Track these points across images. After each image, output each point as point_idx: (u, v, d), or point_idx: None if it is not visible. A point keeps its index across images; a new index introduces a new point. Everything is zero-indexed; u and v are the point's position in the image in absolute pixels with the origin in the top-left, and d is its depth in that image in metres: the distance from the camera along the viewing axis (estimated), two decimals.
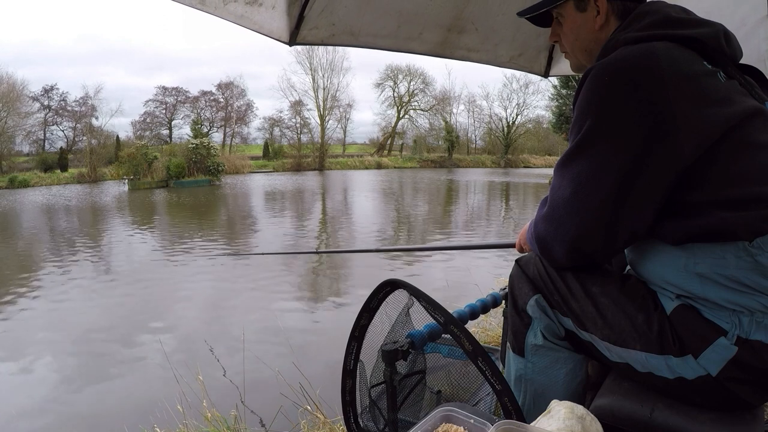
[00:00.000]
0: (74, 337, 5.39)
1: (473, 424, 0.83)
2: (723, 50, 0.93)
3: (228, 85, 44.59)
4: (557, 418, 0.81)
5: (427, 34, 2.14)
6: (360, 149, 50.27)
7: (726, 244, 0.84)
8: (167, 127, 42.88)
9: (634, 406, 0.94)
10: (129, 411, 3.65)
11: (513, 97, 54.63)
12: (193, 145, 30.06)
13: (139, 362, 4.67)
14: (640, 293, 0.96)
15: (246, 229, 13.13)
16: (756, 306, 0.84)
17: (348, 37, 2.00)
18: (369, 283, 1.74)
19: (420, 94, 48.47)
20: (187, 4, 1.42)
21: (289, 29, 1.85)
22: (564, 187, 0.94)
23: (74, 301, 6.67)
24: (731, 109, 0.85)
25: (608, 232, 0.91)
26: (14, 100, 33.74)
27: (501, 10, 2.14)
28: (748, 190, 0.84)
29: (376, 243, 10.70)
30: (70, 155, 35.54)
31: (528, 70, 2.53)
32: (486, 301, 1.65)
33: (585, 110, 0.90)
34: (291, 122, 45.06)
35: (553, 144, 47.16)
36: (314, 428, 2.51)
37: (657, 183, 0.86)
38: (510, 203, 18.94)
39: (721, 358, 0.85)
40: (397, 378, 1.15)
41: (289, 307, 6.24)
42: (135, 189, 25.90)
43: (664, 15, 0.95)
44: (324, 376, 3.02)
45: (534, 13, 1.10)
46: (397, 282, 1.20)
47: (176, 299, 6.70)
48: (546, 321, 1.06)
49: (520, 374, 1.10)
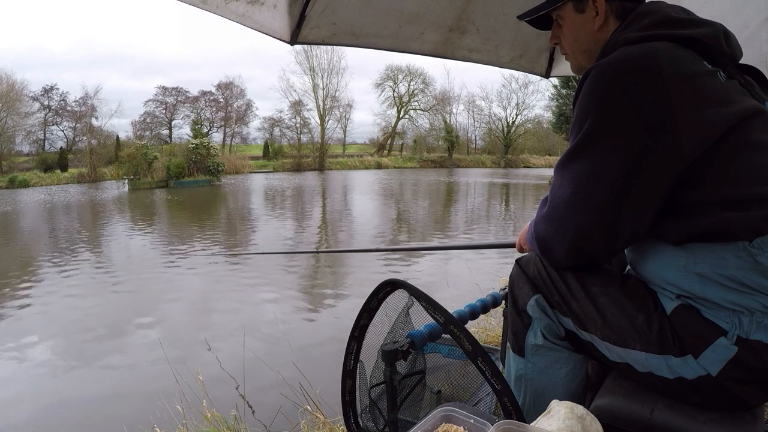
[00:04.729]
0: (74, 338, 5.39)
1: (473, 424, 0.83)
2: (723, 50, 0.93)
3: (228, 85, 44.68)
4: (557, 418, 0.81)
5: (428, 35, 2.14)
6: (360, 149, 50.26)
7: (726, 244, 0.84)
8: (167, 127, 42.93)
9: (634, 406, 0.94)
10: (129, 411, 3.66)
11: (512, 97, 54.66)
12: (193, 145, 30.07)
13: (139, 362, 4.67)
14: (640, 293, 0.96)
15: (246, 228, 13.12)
16: (756, 306, 0.84)
17: (349, 36, 2.00)
18: (368, 283, 1.74)
19: (420, 94, 48.52)
20: (189, 3, 1.42)
21: (290, 28, 1.86)
22: (564, 187, 0.94)
23: (72, 299, 6.66)
24: (731, 108, 0.85)
25: (608, 232, 0.91)
26: (14, 100, 33.74)
27: (502, 11, 2.14)
28: (748, 190, 0.84)
29: (375, 243, 10.70)
30: (70, 155, 35.55)
31: (529, 70, 2.53)
32: (486, 301, 1.65)
33: (585, 110, 0.91)
34: (291, 122, 45.14)
35: (553, 144, 47.12)
36: (314, 428, 2.51)
37: (657, 183, 0.86)
38: (510, 205, 18.91)
39: (721, 358, 0.85)
40: (397, 378, 1.15)
41: (288, 306, 6.23)
42: (135, 189, 25.91)
43: (664, 15, 0.95)
44: (324, 376, 3.01)
45: (533, 16, 1.10)
46: (396, 282, 1.20)
47: (176, 299, 6.70)
48: (546, 321, 1.06)
49: (520, 374, 1.10)
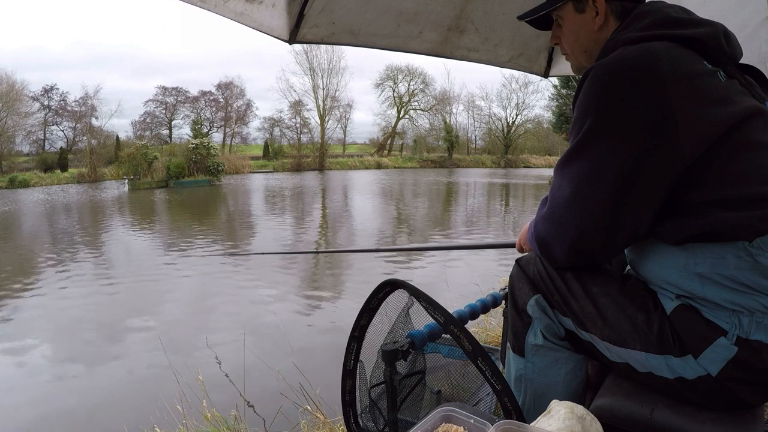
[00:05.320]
0: (73, 338, 5.39)
1: (473, 424, 0.83)
2: (723, 50, 0.93)
3: (227, 85, 44.70)
4: (557, 418, 0.81)
5: (427, 34, 2.14)
6: (360, 149, 50.29)
7: (726, 244, 0.84)
8: (167, 127, 42.98)
9: (634, 406, 0.94)
10: (129, 411, 3.65)
11: (512, 97, 54.69)
12: (193, 145, 30.10)
13: (139, 362, 4.67)
14: (640, 293, 0.96)
15: (246, 229, 13.12)
16: (756, 306, 0.84)
17: (348, 36, 2.00)
18: (368, 284, 1.73)
19: (420, 94, 48.55)
20: (188, 2, 1.42)
21: (289, 27, 1.85)
22: (564, 187, 0.94)
23: (72, 300, 6.66)
24: (731, 108, 0.85)
25: (608, 232, 0.91)
26: (14, 100, 33.74)
27: (501, 10, 2.14)
28: (748, 190, 0.84)
29: (375, 243, 10.70)
30: (70, 155, 35.58)
31: (528, 70, 2.53)
32: (486, 301, 1.65)
33: (585, 110, 0.90)
34: (291, 122, 45.16)
35: (553, 144, 47.13)
36: (314, 428, 2.51)
37: (657, 183, 0.86)
38: (510, 206, 18.90)
39: (721, 358, 0.85)
40: (397, 378, 1.15)
41: (288, 306, 6.23)
42: (135, 189, 25.91)
43: (664, 15, 0.95)
44: (324, 376, 3.01)
45: (534, 16, 1.10)
46: (396, 282, 1.20)
47: (176, 299, 6.70)
48: (546, 321, 1.06)
49: (520, 374, 1.10)
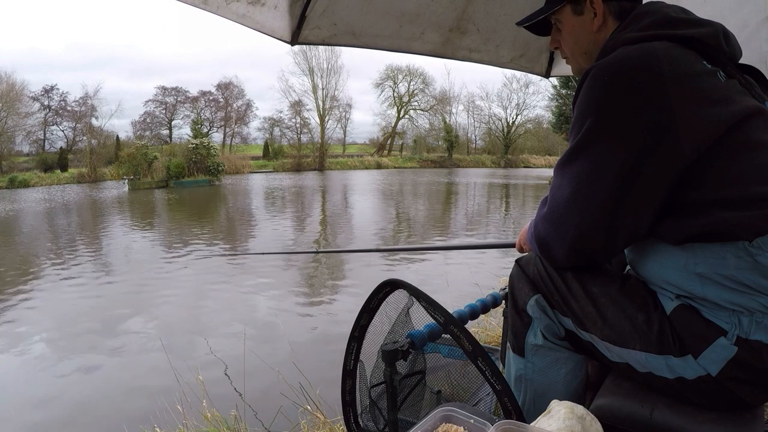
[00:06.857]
0: (73, 337, 5.39)
1: (473, 424, 0.83)
2: (722, 50, 0.93)
3: (227, 85, 44.71)
4: (557, 418, 0.81)
5: (429, 35, 2.14)
6: (360, 149, 50.30)
7: (726, 244, 0.84)
8: (167, 127, 42.99)
9: (634, 406, 0.94)
10: (129, 410, 3.65)
11: (513, 97, 54.77)
12: (193, 145, 30.11)
13: (139, 362, 4.67)
14: (640, 293, 0.96)
15: (245, 229, 13.12)
16: (756, 306, 0.84)
17: (349, 37, 2.00)
18: (368, 284, 1.74)
19: (420, 94, 48.59)
20: (190, 3, 1.42)
21: (290, 29, 1.86)
22: (564, 187, 0.94)
23: (71, 299, 6.66)
24: (731, 108, 0.85)
25: (608, 232, 0.91)
26: (14, 100, 33.76)
27: (502, 11, 2.14)
28: (748, 190, 0.84)
29: (375, 243, 10.70)
30: (70, 155, 35.60)
31: (529, 70, 2.53)
32: (486, 301, 1.65)
33: (585, 110, 0.91)
34: (291, 122, 45.17)
35: (553, 144, 47.14)
36: (314, 428, 2.51)
37: (657, 183, 0.86)
38: (509, 206, 18.90)
39: (721, 358, 0.85)
40: (397, 378, 1.15)
41: (288, 306, 6.23)
42: (135, 189, 25.92)
43: (664, 15, 0.96)
44: (324, 376, 3.02)
45: (533, 21, 1.11)
46: (396, 282, 1.20)
47: (176, 299, 6.69)
48: (546, 321, 1.06)
49: (520, 374, 1.10)
